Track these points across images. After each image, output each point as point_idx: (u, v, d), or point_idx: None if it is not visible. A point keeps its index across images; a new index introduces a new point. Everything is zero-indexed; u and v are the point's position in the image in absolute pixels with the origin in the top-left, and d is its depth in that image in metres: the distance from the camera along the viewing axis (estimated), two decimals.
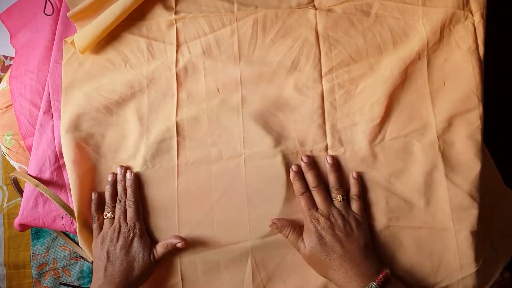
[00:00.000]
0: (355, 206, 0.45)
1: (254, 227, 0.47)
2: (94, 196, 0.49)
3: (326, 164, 0.47)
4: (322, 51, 0.50)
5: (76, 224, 0.49)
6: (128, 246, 0.45)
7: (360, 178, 0.46)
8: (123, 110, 0.52)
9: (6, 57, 0.72)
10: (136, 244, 0.45)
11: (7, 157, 0.58)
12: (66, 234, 0.63)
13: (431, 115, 0.48)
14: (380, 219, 0.46)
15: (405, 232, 0.46)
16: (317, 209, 0.45)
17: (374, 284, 0.39)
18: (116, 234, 0.46)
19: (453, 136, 0.47)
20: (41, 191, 0.49)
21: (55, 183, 0.51)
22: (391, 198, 0.47)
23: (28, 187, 0.52)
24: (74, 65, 0.53)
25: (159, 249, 0.46)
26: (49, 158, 0.51)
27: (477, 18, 0.48)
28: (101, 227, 0.48)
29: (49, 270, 0.66)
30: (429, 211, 0.46)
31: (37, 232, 0.66)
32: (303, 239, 0.44)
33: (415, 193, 0.46)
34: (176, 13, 0.53)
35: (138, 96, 0.52)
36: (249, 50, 0.51)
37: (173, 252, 0.47)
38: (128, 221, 0.47)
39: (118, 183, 0.49)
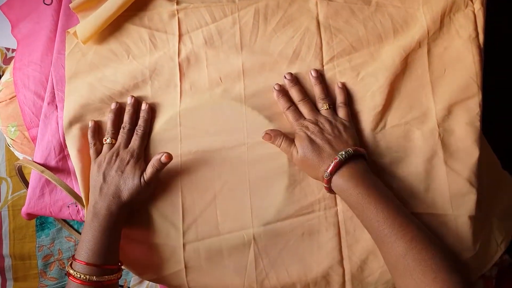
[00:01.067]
0: (341, 112, 0.47)
1: (256, 215, 0.48)
2: (91, 123, 0.50)
3: (310, 77, 0.49)
4: (324, 40, 0.50)
5: (84, 210, 0.50)
6: (123, 167, 0.46)
7: (345, 87, 0.48)
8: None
9: (8, 49, 0.72)
10: (129, 167, 0.46)
11: (11, 148, 0.59)
12: (70, 224, 0.63)
13: (431, 102, 0.48)
14: None
15: None
16: (305, 118, 0.47)
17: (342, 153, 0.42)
18: (114, 157, 0.47)
19: (452, 124, 0.47)
20: (47, 177, 0.49)
21: (60, 172, 0.52)
22: (392, 185, 0.47)
23: (34, 176, 0.52)
24: (77, 56, 0.53)
25: (148, 169, 0.47)
26: (54, 149, 0.52)
27: (477, 6, 0.48)
28: (98, 152, 0.49)
29: (54, 261, 0.66)
30: (429, 197, 0.46)
31: (42, 223, 0.67)
32: (295, 145, 0.45)
33: (415, 180, 0.47)
34: (178, 3, 0.53)
35: (141, 86, 0.52)
36: (251, 39, 0.51)
37: (159, 170, 0.47)
38: (130, 146, 0.48)
39: (126, 112, 0.50)
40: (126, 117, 0.50)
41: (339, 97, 0.48)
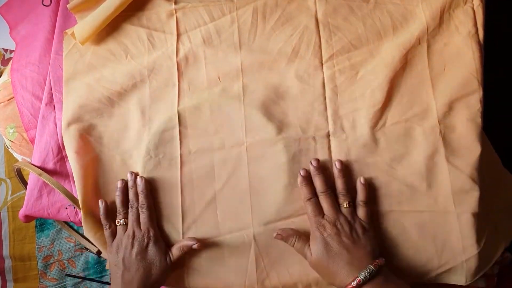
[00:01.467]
0: (361, 212, 0.45)
1: (257, 215, 0.48)
2: (101, 204, 0.48)
3: (334, 169, 0.46)
4: (323, 38, 0.50)
5: (81, 214, 0.49)
6: (143, 252, 0.45)
7: (368, 184, 0.45)
8: (124, 101, 0.52)
9: (6, 50, 0.71)
10: (151, 250, 0.45)
11: (10, 150, 0.58)
12: (70, 225, 0.63)
13: (431, 99, 0.48)
14: (382, 204, 0.46)
15: (407, 217, 0.46)
16: (323, 215, 0.44)
17: (366, 271, 0.39)
18: (130, 240, 0.45)
19: (453, 120, 0.47)
20: (45, 180, 0.49)
21: (58, 174, 0.51)
22: (393, 183, 0.47)
23: (32, 178, 0.52)
24: (75, 57, 0.53)
25: (175, 251, 0.46)
26: (52, 150, 0.51)
27: (477, 2, 0.48)
28: (114, 234, 0.47)
29: (54, 262, 0.66)
30: (431, 194, 0.46)
31: (42, 224, 0.66)
32: (309, 246, 0.43)
33: (417, 177, 0.46)
34: (175, 3, 0.52)
35: (140, 86, 0.51)
36: (249, 38, 0.51)
37: (187, 253, 0.47)
38: (142, 226, 0.46)
39: (129, 189, 0.48)
40: (131, 195, 0.48)
41: (360, 195, 0.45)
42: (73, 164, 0.49)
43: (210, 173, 0.49)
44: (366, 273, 0.39)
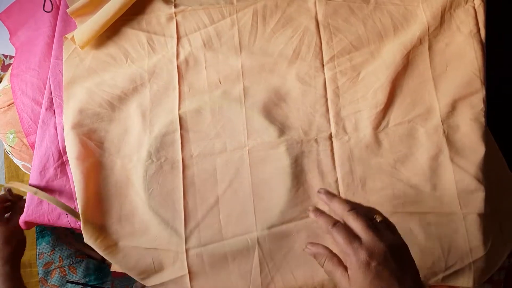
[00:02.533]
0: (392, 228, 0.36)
1: (260, 218, 0.46)
2: None
3: (322, 197, 0.39)
4: (323, 39, 0.49)
5: (81, 221, 0.48)
6: None
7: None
8: (125, 105, 0.51)
9: (6, 56, 0.71)
10: None
11: (10, 156, 0.58)
12: (70, 231, 0.62)
13: (434, 99, 0.47)
14: (387, 206, 0.45)
15: (412, 218, 0.45)
16: (360, 240, 0.34)
17: None
18: None
19: (457, 120, 0.46)
20: (41, 197, 0.49)
21: (59, 179, 0.50)
22: (397, 184, 0.46)
23: (32, 183, 0.51)
24: (75, 61, 0.52)
25: None
26: (52, 155, 0.51)
27: (478, 1, 0.47)
28: None
29: (55, 269, 0.65)
30: (436, 196, 0.45)
31: (42, 231, 0.65)
32: (346, 272, 0.34)
33: (421, 179, 0.45)
34: (175, 6, 0.52)
35: (140, 90, 0.51)
36: (250, 40, 0.50)
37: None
38: None
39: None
40: None
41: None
42: (74, 170, 0.48)
43: (213, 177, 0.48)
44: None
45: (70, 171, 0.50)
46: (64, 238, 0.63)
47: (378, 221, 0.35)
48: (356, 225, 0.35)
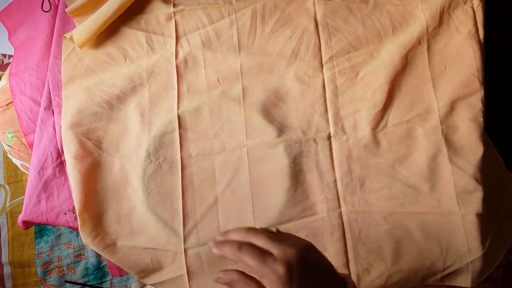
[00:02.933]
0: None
1: (259, 218, 0.46)
2: None
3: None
4: (322, 39, 0.49)
5: (78, 221, 0.48)
6: None
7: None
8: (124, 104, 0.51)
9: (4, 55, 0.71)
10: None
11: (9, 155, 0.57)
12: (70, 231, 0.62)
13: (433, 99, 0.47)
14: (385, 206, 0.45)
15: (411, 218, 0.45)
16: (272, 256, 0.30)
17: None
18: None
19: (456, 120, 0.46)
20: None
21: (58, 178, 0.50)
22: (396, 184, 0.46)
23: (31, 183, 0.51)
24: (74, 61, 0.52)
25: None
26: (51, 154, 0.51)
27: (476, 2, 0.47)
28: None
29: (54, 268, 0.65)
30: (434, 196, 0.45)
31: (41, 231, 0.65)
32: None
33: (419, 179, 0.45)
34: (174, 6, 0.52)
35: (139, 89, 0.51)
36: (249, 40, 0.50)
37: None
38: None
39: None
40: None
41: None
42: (71, 170, 0.48)
43: (211, 177, 0.48)
44: None
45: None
46: None
47: (275, 231, 0.33)
48: (261, 242, 0.31)
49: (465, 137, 0.45)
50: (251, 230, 0.33)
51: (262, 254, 0.31)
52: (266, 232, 0.32)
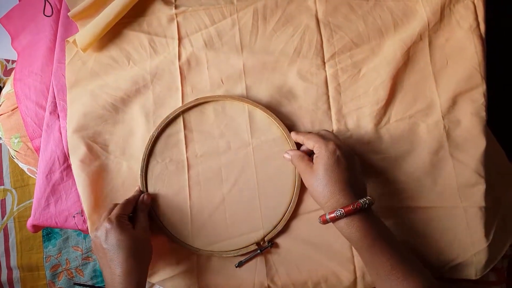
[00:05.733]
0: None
1: (266, 216, 0.49)
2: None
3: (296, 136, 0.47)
4: (324, 37, 0.51)
5: (88, 223, 0.51)
6: (112, 239, 0.43)
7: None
8: (129, 107, 0.53)
9: (8, 60, 0.73)
10: (114, 234, 0.43)
11: (15, 160, 0.60)
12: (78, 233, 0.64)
13: (435, 95, 0.49)
14: (389, 201, 0.48)
15: (414, 213, 0.47)
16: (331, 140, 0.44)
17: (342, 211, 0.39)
18: (102, 232, 0.44)
19: (458, 115, 0.48)
20: None
21: (65, 182, 0.53)
22: (398, 179, 0.48)
23: (39, 187, 0.53)
24: (78, 65, 0.54)
25: (139, 217, 0.47)
26: (58, 158, 0.53)
27: None
28: None
29: (62, 271, 0.67)
30: (437, 190, 0.47)
31: (49, 234, 0.68)
32: (311, 162, 0.44)
33: (422, 173, 0.47)
34: (176, 7, 0.54)
35: (143, 91, 0.53)
36: (251, 40, 0.52)
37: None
38: (111, 216, 0.45)
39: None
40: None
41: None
42: (78, 173, 0.50)
43: (218, 176, 0.50)
44: (366, 200, 0.40)
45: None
46: None
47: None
48: (327, 133, 0.46)
49: (467, 132, 0.47)
50: (325, 130, 0.47)
51: (323, 137, 0.44)
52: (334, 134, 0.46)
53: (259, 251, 0.49)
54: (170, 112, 0.51)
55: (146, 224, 0.47)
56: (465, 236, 0.46)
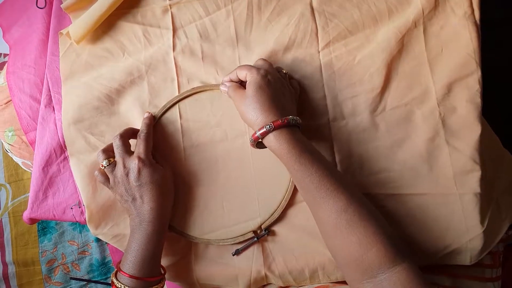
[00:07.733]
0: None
1: (263, 204, 0.51)
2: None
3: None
4: (319, 25, 0.53)
5: (86, 214, 0.52)
6: (139, 177, 0.46)
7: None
8: (124, 98, 0.55)
9: (0, 54, 0.74)
10: (145, 173, 0.47)
11: (9, 154, 0.61)
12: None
13: (430, 82, 0.50)
14: (384, 188, 0.49)
15: (410, 200, 0.49)
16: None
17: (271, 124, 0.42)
18: (125, 171, 0.47)
19: (453, 102, 0.50)
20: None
21: (62, 174, 0.54)
22: (394, 167, 0.49)
23: (36, 180, 0.55)
24: (72, 57, 0.56)
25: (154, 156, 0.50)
26: (54, 151, 0.54)
27: None
28: (105, 176, 0.49)
29: (58, 266, 0.69)
30: (433, 177, 0.49)
31: (44, 228, 0.69)
32: (243, 88, 0.47)
33: (418, 161, 0.49)
34: None
35: (138, 82, 0.54)
36: (246, 31, 0.54)
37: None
38: (140, 155, 0.47)
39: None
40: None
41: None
42: (77, 165, 0.52)
43: (214, 165, 0.52)
44: (294, 118, 0.43)
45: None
46: None
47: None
48: (259, 61, 0.48)
49: (463, 118, 0.49)
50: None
51: (252, 66, 0.47)
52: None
53: (256, 239, 0.50)
54: (166, 102, 0.53)
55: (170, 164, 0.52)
56: (459, 223, 0.48)
